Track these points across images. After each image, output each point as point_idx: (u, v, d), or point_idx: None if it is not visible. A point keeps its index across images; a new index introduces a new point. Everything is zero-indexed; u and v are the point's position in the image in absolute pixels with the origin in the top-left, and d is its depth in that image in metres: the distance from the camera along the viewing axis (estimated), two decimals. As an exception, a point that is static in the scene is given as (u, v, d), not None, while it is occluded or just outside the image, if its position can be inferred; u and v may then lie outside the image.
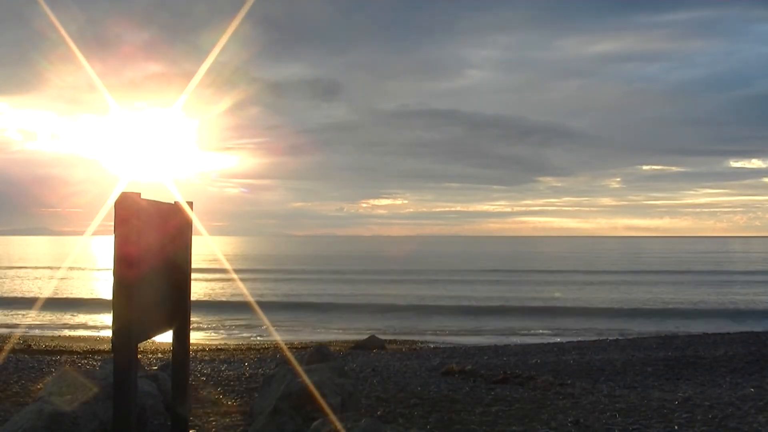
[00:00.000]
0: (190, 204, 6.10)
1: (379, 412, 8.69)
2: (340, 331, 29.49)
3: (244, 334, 28.22)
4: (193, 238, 6.25)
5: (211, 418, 8.45)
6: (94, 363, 14.65)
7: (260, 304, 40.03)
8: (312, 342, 22.80)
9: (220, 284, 53.37)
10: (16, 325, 29.72)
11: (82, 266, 75.47)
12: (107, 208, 5.41)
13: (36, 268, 75.93)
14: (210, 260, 75.77)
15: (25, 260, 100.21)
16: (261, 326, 30.81)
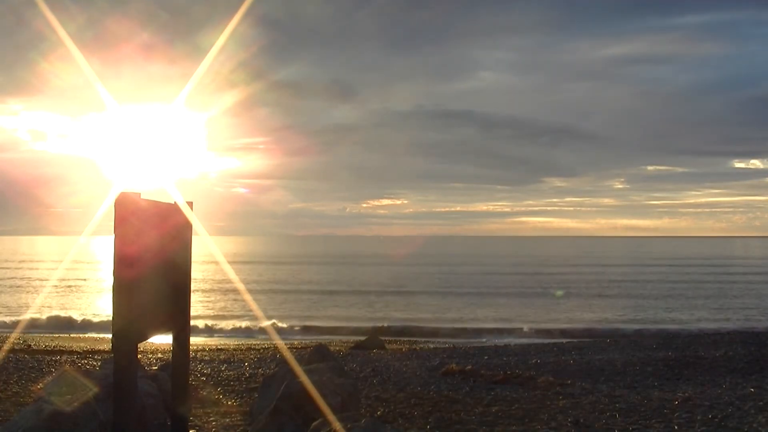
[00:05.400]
0: (190, 204, 6.09)
1: (379, 412, 8.69)
2: (340, 331, 29.48)
3: (244, 334, 28.21)
4: (193, 238, 6.24)
5: (211, 418, 8.45)
6: (94, 363, 14.64)
7: (259, 304, 40.03)
8: (312, 342, 22.80)
9: (219, 283, 53.39)
10: (16, 325, 29.71)
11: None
12: (107, 208, 5.40)
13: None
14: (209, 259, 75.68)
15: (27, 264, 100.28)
16: (261, 326, 30.80)
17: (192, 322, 6.34)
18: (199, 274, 56.81)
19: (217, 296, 44.48)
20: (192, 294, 6.28)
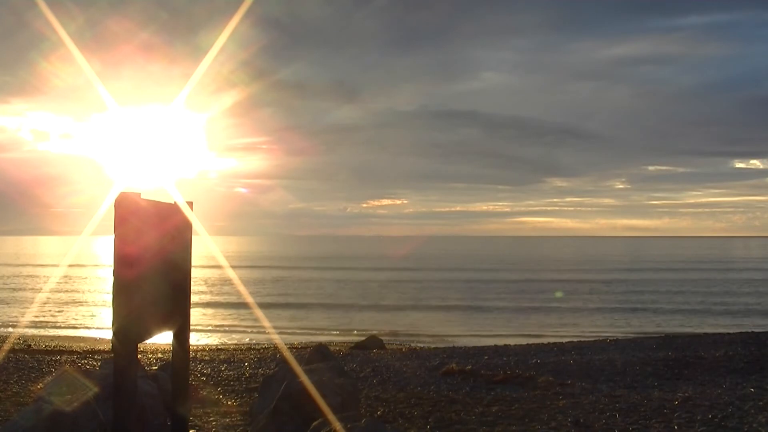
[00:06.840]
0: (190, 204, 6.08)
1: (379, 412, 8.69)
2: (340, 331, 29.47)
3: (244, 335, 28.21)
4: (193, 238, 6.23)
5: (211, 418, 8.46)
6: (94, 363, 14.64)
7: (259, 304, 40.01)
8: (312, 342, 22.78)
9: (219, 282, 53.35)
10: (15, 325, 29.70)
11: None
12: (107, 208, 5.40)
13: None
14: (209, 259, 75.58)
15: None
16: (261, 326, 30.78)
17: (191, 322, 6.34)
18: (198, 275, 56.79)
19: (217, 295, 44.48)
20: (191, 293, 6.28)
